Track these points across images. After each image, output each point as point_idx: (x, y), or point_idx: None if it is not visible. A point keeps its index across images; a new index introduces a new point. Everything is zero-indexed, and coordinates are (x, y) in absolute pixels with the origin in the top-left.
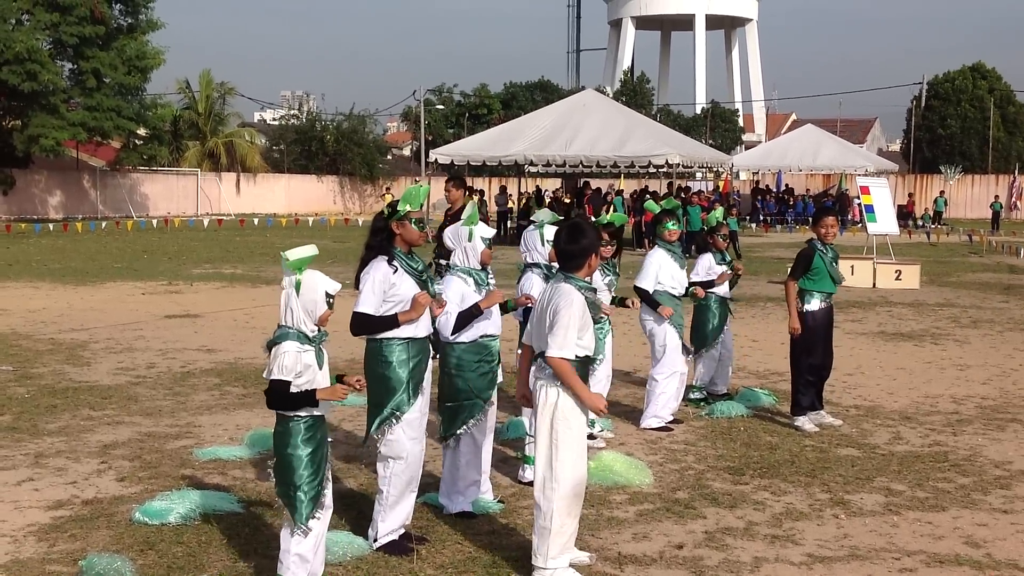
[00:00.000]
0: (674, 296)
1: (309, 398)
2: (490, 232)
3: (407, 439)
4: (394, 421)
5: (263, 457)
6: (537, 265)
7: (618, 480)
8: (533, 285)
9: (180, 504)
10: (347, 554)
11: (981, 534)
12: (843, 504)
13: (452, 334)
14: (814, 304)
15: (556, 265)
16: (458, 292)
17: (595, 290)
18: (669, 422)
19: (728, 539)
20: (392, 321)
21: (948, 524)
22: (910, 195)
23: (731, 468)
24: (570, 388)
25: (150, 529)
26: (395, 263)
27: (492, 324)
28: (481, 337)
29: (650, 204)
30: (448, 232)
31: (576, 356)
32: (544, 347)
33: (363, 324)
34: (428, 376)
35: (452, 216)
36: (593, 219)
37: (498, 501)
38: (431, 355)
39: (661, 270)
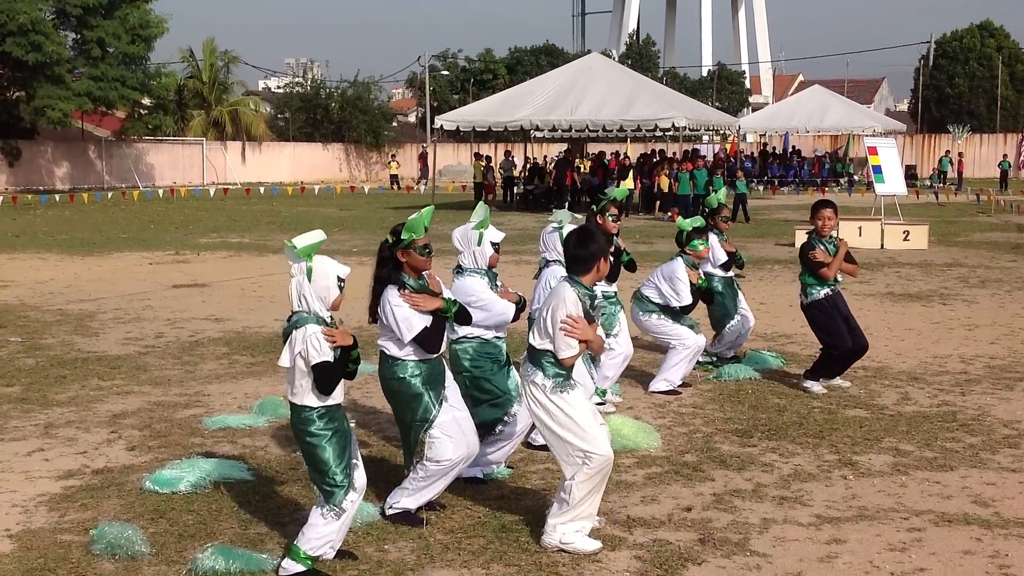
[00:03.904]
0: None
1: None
2: (499, 236)
3: (449, 441)
4: (426, 428)
5: (272, 425)
6: (557, 262)
7: (626, 444)
8: (554, 275)
9: (190, 472)
10: (356, 520)
11: (989, 493)
12: (851, 465)
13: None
14: (819, 293)
15: None
16: (481, 285)
17: (595, 296)
18: (678, 386)
19: (736, 501)
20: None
21: (956, 483)
22: (960, 154)
23: (739, 431)
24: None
25: (160, 498)
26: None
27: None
28: (485, 340)
29: (681, 223)
30: (457, 234)
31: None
32: (547, 345)
33: (428, 338)
34: (448, 378)
35: None
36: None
37: (507, 466)
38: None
39: (683, 283)
